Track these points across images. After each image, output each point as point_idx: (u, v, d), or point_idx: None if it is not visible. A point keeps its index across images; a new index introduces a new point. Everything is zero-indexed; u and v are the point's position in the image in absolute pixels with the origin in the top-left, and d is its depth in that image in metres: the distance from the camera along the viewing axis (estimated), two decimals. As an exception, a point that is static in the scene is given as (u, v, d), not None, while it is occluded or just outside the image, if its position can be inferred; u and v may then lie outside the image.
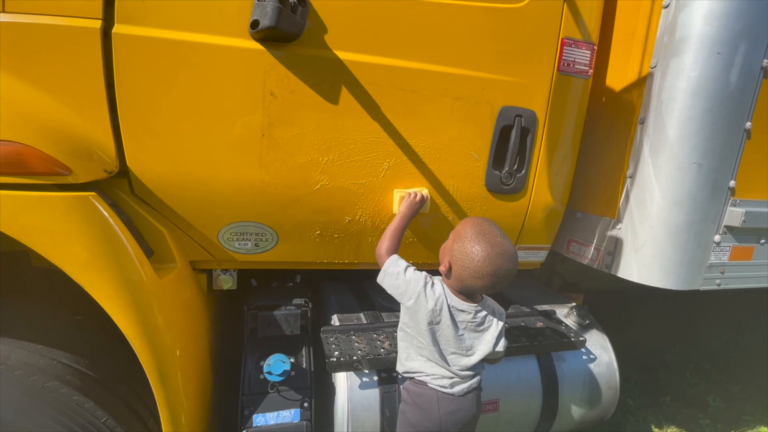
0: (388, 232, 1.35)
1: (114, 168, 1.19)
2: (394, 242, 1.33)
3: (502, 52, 1.43)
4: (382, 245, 1.33)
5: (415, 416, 1.29)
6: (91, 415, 1.24)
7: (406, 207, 1.39)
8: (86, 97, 1.13)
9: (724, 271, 1.58)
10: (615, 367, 1.89)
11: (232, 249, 1.42)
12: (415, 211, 1.41)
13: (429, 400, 1.26)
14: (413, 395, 1.30)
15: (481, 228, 1.18)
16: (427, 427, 1.27)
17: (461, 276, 1.18)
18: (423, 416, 1.27)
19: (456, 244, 1.19)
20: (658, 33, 1.48)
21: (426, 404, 1.26)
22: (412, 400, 1.30)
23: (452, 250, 1.20)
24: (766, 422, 2.61)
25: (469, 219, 1.25)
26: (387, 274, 1.27)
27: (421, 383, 1.28)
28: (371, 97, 1.34)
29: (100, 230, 1.10)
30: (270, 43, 1.22)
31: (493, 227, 1.19)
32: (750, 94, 1.41)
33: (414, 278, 1.24)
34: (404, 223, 1.38)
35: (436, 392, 1.26)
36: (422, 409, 1.27)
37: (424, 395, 1.27)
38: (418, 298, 1.21)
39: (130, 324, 1.12)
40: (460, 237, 1.20)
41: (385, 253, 1.31)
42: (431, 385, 1.26)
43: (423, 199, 1.44)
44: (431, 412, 1.25)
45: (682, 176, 1.44)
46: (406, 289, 1.23)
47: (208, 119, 1.23)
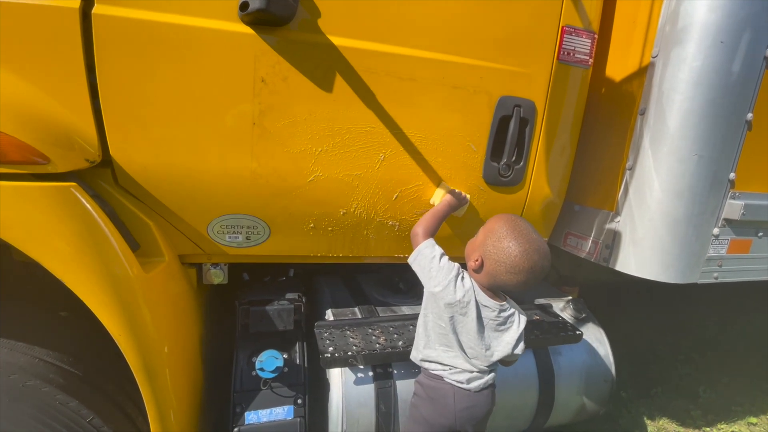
0: (429, 215, 1.34)
1: (96, 157, 1.13)
2: (433, 226, 1.32)
3: (502, 40, 1.39)
4: (420, 226, 1.31)
5: (428, 411, 1.27)
6: (76, 414, 1.20)
7: (450, 198, 1.39)
8: (65, 82, 1.07)
9: (722, 265, 1.58)
10: (611, 361, 1.89)
11: (222, 242, 1.38)
12: (455, 205, 1.41)
13: (444, 395, 1.24)
14: (427, 389, 1.27)
15: (516, 224, 1.19)
16: (441, 422, 1.25)
17: (495, 271, 1.17)
18: (438, 411, 1.25)
19: (489, 239, 1.19)
20: (660, 21, 1.45)
21: (441, 399, 1.24)
22: (427, 394, 1.27)
23: (485, 246, 1.19)
24: (754, 412, 2.66)
25: (501, 215, 1.25)
26: (421, 255, 1.25)
27: (436, 377, 1.26)
28: (366, 85, 1.29)
29: (82, 222, 1.04)
30: (260, 27, 1.16)
31: (527, 224, 1.21)
32: (752, 84, 1.39)
33: (447, 266, 1.22)
34: (446, 211, 1.38)
35: (452, 387, 1.24)
36: (437, 404, 1.25)
37: (439, 389, 1.25)
38: (447, 286, 1.19)
39: (114, 320, 1.07)
40: (493, 233, 1.19)
41: (422, 234, 1.29)
42: (448, 380, 1.24)
43: (466, 199, 1.46)
44: (446, 406, 1.24)
45: (683, 168, 1.42)
46: (437, 274, 1.21)
47: (195, 106, 1.17)
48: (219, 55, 1.16)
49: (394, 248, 1.57)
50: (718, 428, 2.49)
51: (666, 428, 2.46)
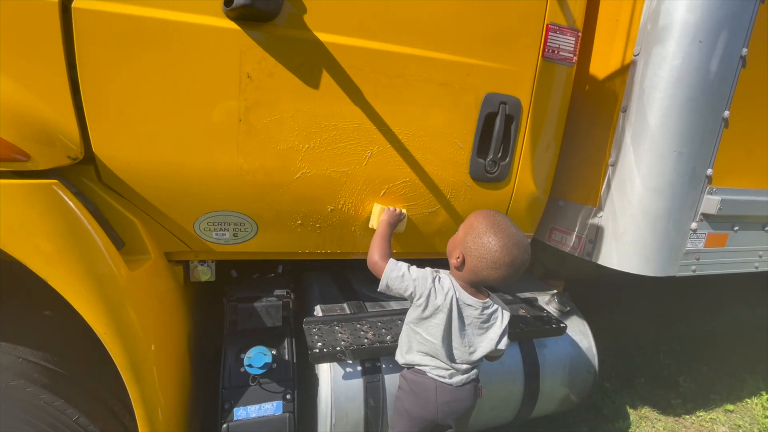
0: (375, 241, 1.33)
1: (78, 154, 1.11)
2: (384, 248, 1.31)
3: (487, 37, 1.40)
4: (374, 254, 1.29)
5: (411, 404, 1.29)
6: (62, 413, 1.19)
7: (386, 219, 1.39)
8: (45, 78, 1.05)
9: (699, 258, 1.63)
10: (594, 353, 1.93)
11: (209, 239, 1.37)
12: (394, 224, 1.41)
13: (426, 389, 1.26)
14: (411, 383, 1.30)
15: (495, 219, 1.20)
16: (423, 415, 1.28)
17: (476, 267, 1.17)
18: (419, 404, 1.27)
19: (469, 236, 1.19)
20: (641, 20, 1.48)
21: (423, 392, 1.26)
22: (410, 388, 1.29)
23: (465, 242, 1.19)
24: (731, 400, 2.75)
25: (480, 211, 1.25)
26: (390, 279, 1.23)
27: (419, 372, 1.28)
28: (353, 81, 1.30)
29: (65, 220, 1.03)
30: (246, 23, 1.15)
31: (506, 218, 1.22)
32: (729, 83, 1.43)
33: (420, 275, 1.22)
34: (388, 231, 1.37)
35: (434, 381, 1.26)
36: (419, 397, 1.27)
37: (421, 383, 1.27)
38: (429, 295, 1.20)
39: (99, 319, 1.06)
40: (473, 229, 1.20)
41: (380, 260, 1.27)
42: (430, 375, 1.26)
43: (401, 214, 1.44)
44: (428, 400, 1.26)
45: (663, 164, 1.46)
46: (414, 288, 1.21)
47: (179, 102, 1.16)
48: (203, 51, 1.15)
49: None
50: (697, 416, 2.58)
51: (648, 417, 2.53)
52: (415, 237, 1.60)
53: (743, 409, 2.70)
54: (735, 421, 2.58)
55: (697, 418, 2.56)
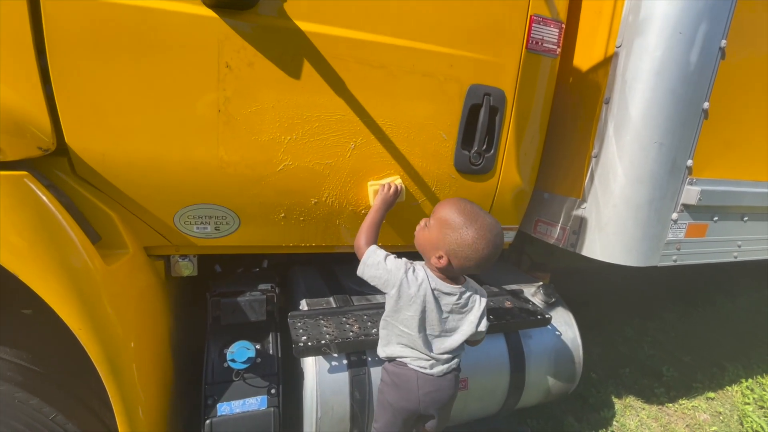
0: (365, 225, 1.32)
1: (50, 145, 1.07)
2: (371, 234, 1.30)
3: (471, 28, 1.39)
4: (361, 238, 1.29)
5: (393, 396, 1.29)
6: (38, 412, 1.16)
7: (381, 200, 1.36)
8: (13, 65, 1.01)
9: (680, 248, 1.65)
10: (579, 343, 1.96)
11: (190, 233, 1.34)
12: (390, 203, 1.39)
13: (408, 380, 1.26)
14: (392, 375, 1.30)
15: (466, 209, 1.18)
16: (406, 406, 1.28)
17: (462, 264, 1.17)
18: (402, 396, 1.28)
19: (448, 234, 1.16)
20: (623, 12, 1.48)
21: (405, 384, 1.27)
22: (391, 380, 1.30)
23: (445, 241, 1.16)
24: (713, 388, 2.82)
25: (447, 204, 1.21)
26: (366, 266, 1.24)
27: (401, 364, 1.28)
28: (336, 72, 1.28)
29: (36, 213, 1.00)
30: (224, 11, 1.13)
31: (475, 206, 1.21)
32: (708, 74, 1.45)
33: (395, 266, 1.21)
34: (380, 215, 1.35)
35: (416, 372, 1.26)
36: (401, 389, 1.27)
37: (403, 375, 1.27)
38: (401, 285, 1.20)
39: (74, 315, 1.03)
40: (449, 225, 1.16)
41: (364, 245, 1.27)
42: (411, 366, 1.26)
43: (398, 190, 1.41)
44: (410, 391, 1.26)
45: (644, 155, 1.47)
46: (388, 278, 1.21)
47: (156, 92, 1.13)
48: (181, 39, 1.11)
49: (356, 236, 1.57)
50: (680, 404, 2.63)
51: (632, 405, 2.58)
52: (399, 229, 1.60)
53: (724, 397, 2.77)
54: (716, 408, 2.64)
55: (680, 406, 2.61)
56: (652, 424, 2.44)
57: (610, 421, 2.39)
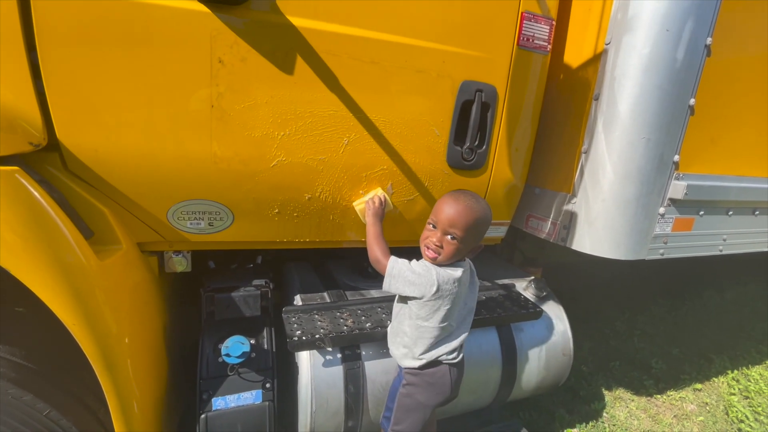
0: (371, 240, 1.34)
1: (41, 140, 1.07)
2: (381, 245, 1.32)
3: (463, 25, 1.41)
4: (375, 252, 1.31)
5: (427, 395, 1.33)
6: (31, 408, 1.16)
7: (372, 215, 1.40)
8: (2, 60, 1.00)
9: (667, 242, 1.69)
10: (569, 336, 1.99)
11: (183, 229, 1.34)
12: (381, 215, 1.42)
13: (443, 375, 1.32)
14: (426, 377, 1.32)
15: (477, 205, 1.26)
16: (438, 401, 1.34)
17: (475, 246, 1.30)
18: (437, 391, 1.33)
19: (482, 232, 1.29)
20: (612, 9, 1.51)
21: (440, 380, 1.32)
22: (425, 381, 1.32)
23: (482, 238, 1.30)
24: (700, 379, 2.88)
25: (443, 201, 1.27)
26: (393, 277, 1.25)
27: (435, 363, 1.31)
28: (328, 67, 1.28)
29: (28, 209, 0.99)
30: (216, 5, 1.13)
31: (470, 195, 1.29)
32: (694, 71, 1.48)
33: (424, 269, 1.25)
34: (378, 228, 1.38)
35: (448, 366, 1.32)
36: (437, 386, 1.32)
37: (438, 372, 1.32)
38: (439, 285, 1.22)
39: (68, 310, 1.03)
40: (484, 224, 1.29)
41: (381, 257, 1.28)
42: (445, 361, 1.31)
43: (382, 201, 1.44)
44: (446, 385, 1.32)
45: (633, 151, 1.50)
46: (422, 281, 1.22)
47: (149, 87, 1.13)
48: (173, 34, 1.11)
49: (361, 233, 1.58)
50: (668, 395, 2.69)
51: (622, 397, 2.63)
52: (393, 225, 1.61)
53: (710, 388, 2.84)
54: (703, 399, 2.71)
55: (668, 398, 2.67)
56: (641, 415, 2.50)
57: (601, 413, 2.44)
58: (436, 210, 1.27)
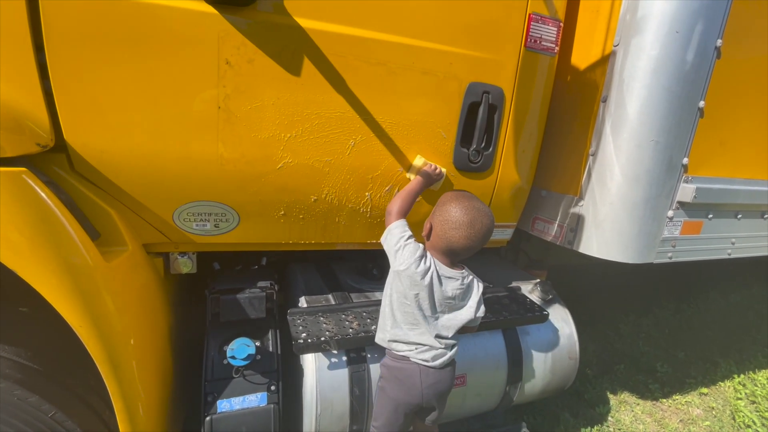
0: (403, 193, 1.37)
1: (48, 141, 1.07)
2: (406, 203, 1.35)
3: (471, 26, 1.40)
4: (395, 204, 1.34)
5: (395, 391, 1.31)
6: (36, 409, 1.16)
7: (424, 175, 1.42)
8: (11, 61, 1.00)
9: (675, 245, 1.67)
10: (575, 339, 1.98)
11: (189, 230, 1.34)
12: (431, 180, 1.45)
13: (411, 375, 1.28)
14: (394, 370, 1.31)
15: (457, 192, 1.34)
16: (409, 401, 1.30)
17: (442, 231, 1.27)
18: (405, 390, 1.30)
19: (436, 209, 1.32)
20: (621, 11, 1.49)
21: (408, 379, 1.29)
22: (393, 375, 1.31)
23: (433, 215, 1.32)
24: (705, 383, 2.86)
25: (448, 192, 1.36)
26: (390, 234, 1.30)
27: (402, 358, 1.30)
28: (335, 69, 1.28)
29: (35, 210, 0.99)
30: (223, 7, 1.12)
31: (466, 192, 1.34)
32: (704, 73, 1.46)
33: (412, 247, 1.27)
34: (420, 187, 1.41)
35: (418, 366, 1.28)
36: (404, 384, 1.29)
37: (405, 370, 1.29)
38: (410, 265, 1.24)
39: (74, 312, 1.03)
40: (439, 203, 1.33)
41: (395, 213, 1.33)
42: (414, 360, 1.28)
43: (441, 174, 1.48)
44: (413, 386, 1.28)
45: (641, 153, 1.49)
46: (402, 253, 1.26)
47: (156, 88, 1.13)
48: (179, 35, 1.11)
49: (367, 235, 1.58)
50: (674, 399, 2.67)
51: (627, 401, 2.61)
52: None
53: (716, 392, 2.81)
54: (709, 403, 2.68)
55: (674, 402, 2.65)
56: (647, 419, 2.48)
57: (606, 417, 2.43)
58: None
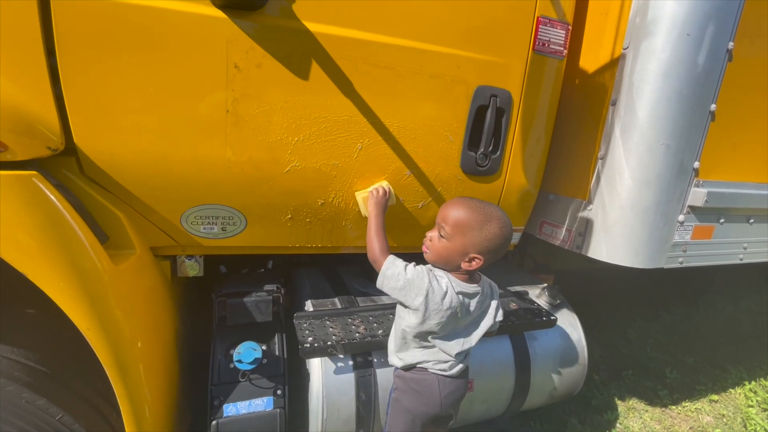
0: (371, 234, 1.27)
1: (59, 145, 1.07)
2: (381, 241, 1.25)
3: (479, 30, 1.39)
4: (374, 249, 1.24)
5: (413, 402, 1.28)
6: (44, 412, 1.16)
7: (375, 204, 1.32)
8: (23, 65, 1.01)
9: (686, 250, 1.65)
10: (583, 344, 1.95)
11: (196, 234, 1.34)
12: (384, 205, 1.35)
13: (430, 385, 1.25)
14: (411, 382, 1.28)
15: (477, 206, 1.18)
16: (426, 411, 1.27)
17: (491, 260, 1.18)
18: (423, 401, 1.27)
19: (475, 236, 1.15)
20: (630, 13, 1.48)
21: (427, 389, 1.25)
22: (410, 387, 1.28)
23: (475, 243, 1.15)
24: (716, 390, 2.82)
25: (454, 207, 1.19)
26: (386, 277, 1.18)
27: (420, 370, 1.27)
28: (343, 72, 1.28)
29: (45, 213, 0.99)
30: (233, 11, 1.13)
31: (477, 200, 1.22)
32: (716, 76, 1.45)
33: (417, 275, 1.16)
34: (380, 220, 1.30)
35: (436, 376, 1.25)
36: (423, 395, 1.26)
37: (424, 381, 1.26)
38: (427, 295, 1.14)
39: (82, 315, 1.03)
40: (470, 226, 1.15)
41: (380, 255, 1.22)
42: (432, 371, 1.25)
43: (386, 192, 1.37)
44: (432, 396, 1.25)
45: (651, 157, 1.47)
46: (410, 289, 1.15)
47: (165, 92, 1.13)
48: (189, 39, 1.11)
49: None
50: (683, 406, 2.63)
51: (635, 408, 2.58)
52: (406, 231, 1.59)
53: (727, 399, 2.77)
54: (719, 410, 2.64)
55: (683, 409, 2.61)
56: (656, 426, 2.44)
57: (614, 423, 2.39)
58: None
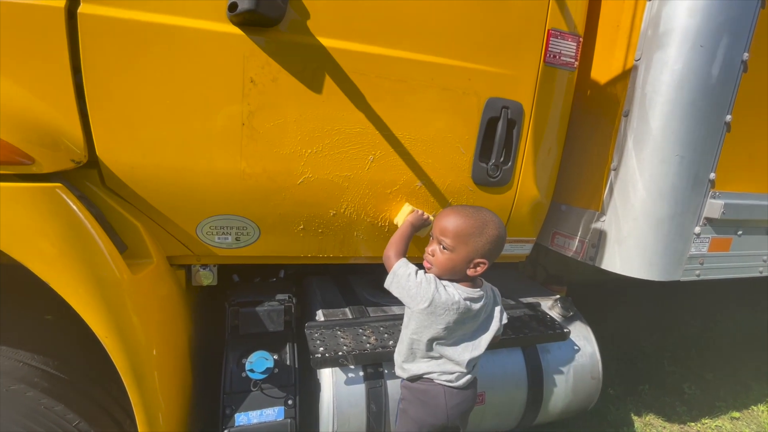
0: (395, 237, 1.34)
1: (82, 158, 1.12)
2: (401, 246, 1.31)
3: (489, 42, 1.41)
4: (390, 249, 1.30)
5: (419, 413, 1.27)
6: (62, 418, 1.18)
7: (413, 218, 1.41)
8: (51, 82, 1.06)
9: (703, 262, 1.62)
10: (598, 358, 1.92)
11: (211, 243, 1.37)
12: (418, 226, 1.43)
13: (436, 396, 1.25)
14: (417, 393, 1.28)
15: (471, 213, 1.21)
16: (432, 422, 1.27)
17: (492, 261, 1.22)
18: (429, 412, 1.26)
19: (477, 242, 1.17)
20: (642, 25, 1.49)
21: (433, 400, 1.25)
22: (416, 398, 1.28)
23: (478, 249, 1.18)
24: (737, 407, 2.72)
25: (449, 218, 1.21)
26: (396, 276, 1.22)
27: (426, 380, 1.27)
28: (356, 86, 1.30)
29: (68, 224, 1.03)
30: (249, 28, 1.16)
31: (468, 206, 1.26)
32: (731, 87, 1.44)
33: (425, 279, 1.19)
34: (410, 231, 1.38)
35: (443, 387, 1.25)
36: (429, 406, 1.26)
37: (430, 392, 1.26)
38: (433, 299, 1.16)
39: (101, 322, 1.06)
40: (471, 234, 1.18)
41: (393, 256, 1.27)
42: (438, 381, 1.25)
43: (429, 221, 1.46)
44: (438, 407, 1.25)
45: (665, 169, 1.46)
46: (417, 291, 1.17)
47: (183, 107, 1.17)
48: (207, 56, 1.15)
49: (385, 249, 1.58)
50: (703, 423, 2.55)
51: (652, 424, 2.50)
52: (416, 241, 1.60)
53: (749, 416, 2.67)
54: (741, 428, 2.55)
55: (703, 426, 2.53)
56: (674, 443, 2.37)
57: (630, 440, 2.33)
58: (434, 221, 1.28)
